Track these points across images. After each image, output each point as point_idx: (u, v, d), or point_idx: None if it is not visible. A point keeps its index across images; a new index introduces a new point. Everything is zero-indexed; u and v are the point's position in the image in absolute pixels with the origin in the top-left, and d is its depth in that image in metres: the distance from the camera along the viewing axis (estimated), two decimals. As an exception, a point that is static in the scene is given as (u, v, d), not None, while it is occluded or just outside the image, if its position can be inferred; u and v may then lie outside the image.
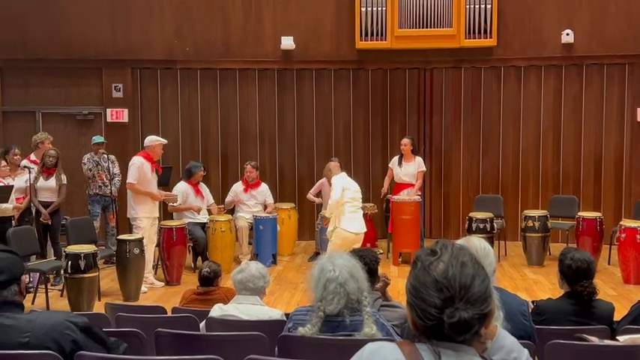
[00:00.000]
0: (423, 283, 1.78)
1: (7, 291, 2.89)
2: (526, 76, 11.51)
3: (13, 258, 2.99)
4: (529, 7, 11.20)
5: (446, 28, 10.95)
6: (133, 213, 8.77)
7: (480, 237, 4.00)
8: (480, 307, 1.76)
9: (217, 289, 5.57)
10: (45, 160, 9.07)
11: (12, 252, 3.04)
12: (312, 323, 3.51)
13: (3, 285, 2.89)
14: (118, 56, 11.39)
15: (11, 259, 2.97)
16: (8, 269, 2.91)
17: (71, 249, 7.81)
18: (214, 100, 11.77)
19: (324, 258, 3.70)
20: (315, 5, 11.42)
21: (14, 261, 2.98)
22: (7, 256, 2.97)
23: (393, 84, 11.76)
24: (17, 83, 11.51)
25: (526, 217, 9.94)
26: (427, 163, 11.08)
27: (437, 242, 1.90)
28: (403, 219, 9.81)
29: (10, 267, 2.92)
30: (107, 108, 11.51)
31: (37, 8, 11.27)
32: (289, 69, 11.65)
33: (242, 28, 11.47)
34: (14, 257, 3.00)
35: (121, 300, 8.07)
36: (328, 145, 11.77)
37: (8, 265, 2.92)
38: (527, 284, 8.80)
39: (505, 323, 2.69)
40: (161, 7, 11.41)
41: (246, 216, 10.20)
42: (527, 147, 11.57)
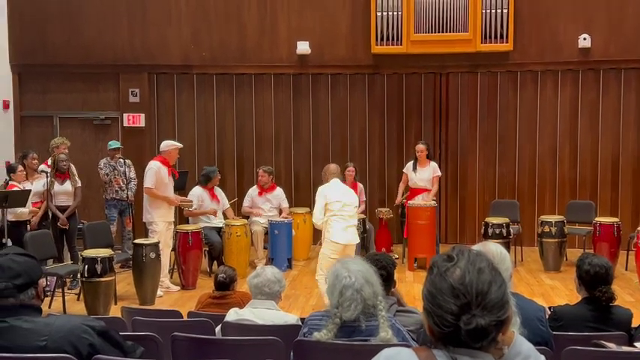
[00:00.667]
0: (440, 290, 1.77)
1: (24, 294, 2.90)
2: (542, 80, 11.45)
3: (31, 262, 3.00)
4: (546, 12, 11.15)
5: (462, 32, 10.92)
6: (148, 217, 8.81)
7: (496, 242, 3.99)
8: (497, 314, 1.75)
9: (233, 294, 5.57)
10: (59, 165, 9.13)
11: (30, 256, 3.05)
12: (328, 329, 3.50)
13: (20, 288, 2.90)
14: (135, 61, 11.46)
15: (29, 262, 2.98)
16: (26, 273, 2.92)
17: (88, 253, 7.85)
18: (230, 105, 11.81)
19: (338, 264, 3.70)
20: (331, 10, 11.43)
21: (32, 265, 2.98)
22: (24, 259, 2.98)
23: (408, 89, 11.74)
24: (35, 88, 11.61)
25: (542, 222, 9.88)
26: (443, 168, 11.06)
27: (453, 248, 1.89)
28: (419, 224, 9.77)
29: (27, 271, 2.93)
30: (124, 113, 11.58)
31: (56, 14, 11.37)
32: (305, 74, 11.67)
33: (258, 33, 11.50)
34: (32, 261, 3.01)
35: (137, 304, 8.10)
36: (343, 150, 11.76)
37: (26, 269, 2.93)
38: (543, 290, 8.75)
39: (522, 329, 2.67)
40: (178, 13, 11.47)
41: (262, 220, 10.21)
42: (543, 152, 11.51)
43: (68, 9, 11.37)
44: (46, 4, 11.36)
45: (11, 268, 2.91)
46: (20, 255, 3.00)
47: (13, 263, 2.93)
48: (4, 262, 2.95)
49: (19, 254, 3.01)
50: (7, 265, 2.93)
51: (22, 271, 2.92)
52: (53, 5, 11.37)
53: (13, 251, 3.04)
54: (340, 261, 3.70)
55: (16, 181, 8.86)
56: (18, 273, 2.90)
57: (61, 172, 9.14)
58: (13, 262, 2.93)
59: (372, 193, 11.59)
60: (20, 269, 2.92)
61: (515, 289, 3.84)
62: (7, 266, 2.92)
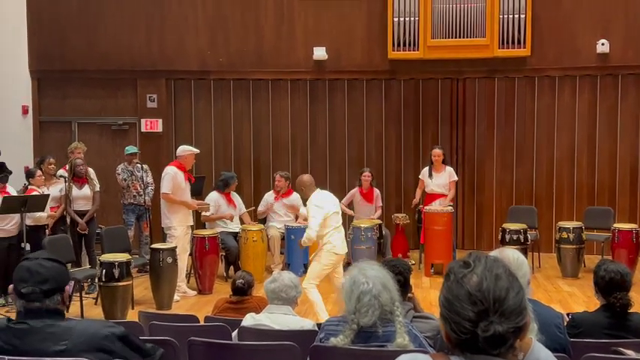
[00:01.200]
0: (457, 296, 1.77)
1: (49, 300, 2.92)
2: (560, 86, 11.40)
3: (59, 268, 3.02)
4: (563, 17, 11.10)
5: (479, 38, 10.90)
6: (167, 222, 8.84)
7: (514, 248, 3.97)
8: (514, 321, 1.74)
9: (250, 299, 5.59)
10: (76, 170, 9.20)
11: (59, 262, 3.06)
12: (345, 334, 3.50)
13: (46, 294, 2.92)
14: (153, 67, 11.53)
15: (57, 269, 3.00)
16: (53, 279, 2.94)
17: (106, 257, 7.90)
18: (247, 110, 11.85)
19: (354, 270, 3.69)
20: (348, 15, 11.45)
21: (60, 271, 3.00)
22: (53, 265, 2.99)
23: (425, 94, 11.72)
24: (54, 94, 11.70)
25: (560, 228, 9.82)
26: (460, 174, 11.03)
27: (470, 254, 1.88)
28: (435, 230, 9.75)
29: (55, 277, 2.95)
30: (141, 118, 11.65)
31: (75, 20, 11.47)
32: (321, 79, 11.69)
33: (275, 38, 11.54)
34: (60, 267, 3.03)
35: (154, 308, 8.13)
36: (360, 156, 11.77)
37: (54, 275, 2.95)
38: (561, 296, 8.70)
39: (539, 335, 2.66)
40: (195, 19, 11.53)
41: (278, 225, 10.23)
42: (561, 157, 11.45)
43: (87, 16, 11.46)
44: (65, 11, 11.46)
45: (40, 272, 2.93)
46: (49, 260, 3.01)
47: (42, 268, 2.94)
48: (33, 266, 2.97)
49: (49, 259, 3.02)
50: (36, 269, 2.94)
51: (50, 276, 2.93)
52: (72, 12, 11.47)
53: (43, 256, 3.05)
54: (357, 267, 3.70)
55: (35, 185, 8.94)
56: (46, 278, 2.92)
57: (79, 176, 9.21)
58: (41, 267, 2.95)
59: (389, 199, 11.58)
60: (48, 275, 2.93)
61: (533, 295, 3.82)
62: (36, 271, 2.94)
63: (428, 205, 10.07)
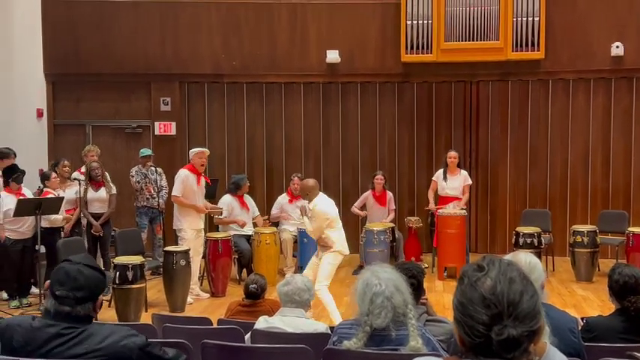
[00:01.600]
0: (470, 300, 1.76)
1: (81, 307, 2.92)
2: (574, 89, 11.35)
3: (97, 277, 3.00)
4: (578, 20, 11.05)
5: (493, 41, 10.88)
6: (178, 224, 8.88)
7: (528, 252, 3.95)
8: (529, 324, 1.74)
9: (263, 302, 5.59)
10: (92, 173, 9.25)
11: (99, 270, 3.05)
12: (358, 337, 3.50)
13: (79, 301, 2.92)
14: (167, 70, 11.58)
15: (95, 278, 2.99)
16: (88, 287, 2.94)
17: (119, 260, 7.93)
18: (260, 113, 11.87)
19: (367, 272, 3.69)
20: (361, 19, 11.45)
21: (97, 281, 2.99)
22: (92, 274, 2.99)
23: (438, 97, 11.70)
24: (69, 97, 11.76)
25: (574, 232, 9.77)
26: (473, 177, 11.00)
27: (484, 258, 1.88)
28: (448, 233, 9.73)
29: (90, 286, 2.95)
30: (155, 121, 11.69)
31: (89, 24, 11.53)
32: (334, 82, 11.70)
33: (288, 41, 11.56)
34: (98, 277, 3.02)
35: (167, 311, 8.15)
36: (373, 159, 11.76)
37: (89, 284, 2.94)
38: (575, 300, 8.65)
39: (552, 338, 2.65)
40: (209, 22, 11.56)
41: (291, 228, 10.24)
42: (575, 161, 11.40)
43: (102, 19, 11.52)
44: (80, 15, 11.52)
45: (77, 279, 2.93)
46: (90, 268, 3.01)
47: (80, 275, 2.94)
48: (72, 271, 2.97)
49: (89, 266, 3.01)
50: (74, 275, 2.95)
51: (86, 285, 2.93)
52: (87, 15, 11.53)
53: (84, 262, 3.04)
54: (370, 269, 3.69)
55: (50, 188, 8.99)
56: (81, 286, 2.92)
57: (95, 179, 9.26)
58: (80, 274, 2.95)
59: (402, 202, 11.57)
60: (84, 283, 2.93)
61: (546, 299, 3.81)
62: (74, 277, 2.94)
63: (441, 208, 10.05)
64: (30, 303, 8.53)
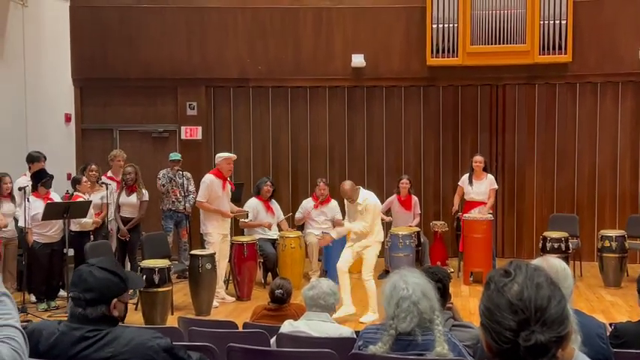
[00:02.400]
0: (497, 305, 1.75)
1: (92, 309, 2.91)
2: (602, 92, 11.24)
3: (109, 280, 2.96)
4: (605, 23, 10.94)
5: (519, 44, 10.80)
6: (204, 228, 8.93)
7: (555, 257, 3.92)
8: (557, 330, 1.72)
9: (288, 306, 5.59)
10: (124, 178, 9.35)
11: (114, 273, 3.00)
12: (384, 341, 3.48)
13: (89, 303, 2.92)
14: (193, 75, 11.65)
15: (106, 280, 2.95)
16: (98, 290, 2.91)
17: (146, 263, 7.98)
18: (285, 118, 11.90)
19: (395, 276, 3.68)
20: (386, 23, 11.44)
21: (109, 283, 2.95)
22: (104, 276, 2.96)
23: (464, 101, 11.65)
24: (96, 102, 11.88)
25: (603, 237, 9.67)
26: (499, 181, 10.93)
27: (510, 263, 1.86)
28: (475, 237, 9.67)
29: (100, 288, 2.92)
30: (182, 125, 11.77)
31: (117, 29, 11.64)
32: (359, 86, 11.70)
33: (313, 46, 11.58)
34: (111, 279, 2.97)
35: (193, 314, 8.19)
36: (398, 163, 11.73)
37: (100, 287, 2.92)
38: (603, 306, 8.55)
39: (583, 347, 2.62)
40: (235, 27, 11.62)
41: (316, 232, 10.24)
42: (603, 164, 11.28)
43: (129, 25, 11.63)
44: (107, 21, 11.64)
45: (87, 281, 2.92)
46: (103, 270, 2.98)
47: (91, 277, 2.93)
48: (84, 272, 2.97)
49: (102, 268, 2.98)
50: (85, 276, 2.94)
51: (95, 287, 2.91)
52: (114, 21, 11.65)
53: (100, 264, 3.01)
54: (398, 273, 3.68)
55: (81, 192, 9.08)
56: (90, 288, 2.91)
57: (127, 184, 9.35)
58: (90, 276, 2.93)
59: (427, 206, 11.52)
60: (94, 285, 2.92)
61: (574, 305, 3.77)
62: (85, 278, 2.93)
63: (467, 212, 10.00)
64: (58, 306, 8.61)
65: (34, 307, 8.62)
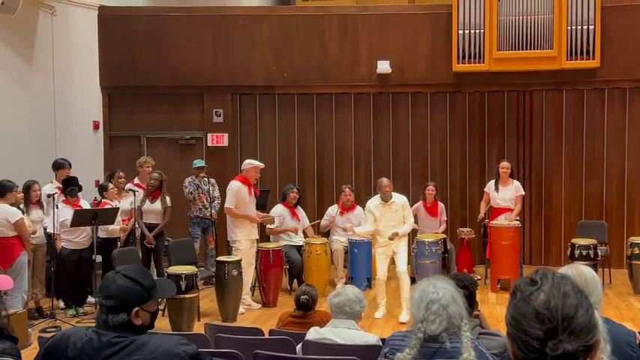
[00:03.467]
0: (524, 314, 1.74)
1: (113, 316, 2.91)
2: (631, 98, 11.12)
3: (130, 288, 2.93)
4: (633, 27, 10.83)
5: (546, 49, 10.73)
6: (232, 236, 8.94)
7: (583, 264, 3.88)
8: (584, 339, 1.71)
9: (313, 313, 5.60)
10: (148, 183, 9.44)
11: (136, 281, 2.96)
12: (411, 346, 3.47)
13: (110, 310, 2.93)
14: (219, 83, 11.73)
15: (126, 288, 2.93)
16: (118, 298, 2.90)
17: (172, 270, 8.04)
18: (310, 124, 11.93)
19: (425, 281, 3.67)
20: (411, 29, 11.43)
21: (129, 292, 2.93)
22: (125, 284, 2.93)
23: (490, 107, 11.59)
24: (124, 109, 12.00)
25: (632, 244, 9.55)
26: (527, 187, 10.85)
27: (537, 271, 1.85)
28: (502, 245, 9.60)
29: (120, 296, 2.90)
30: (208, 133, 11.84)
31: (145, 38, 11.76)
32: (385, 93, 11.69)
33: (338, 53, 11.60)
34: (131, 288, 2.94)
35: (219, 320, 8.22)
36: (424, 169, 11.70)
37: (120, 294, 2.90)
38: (633, 314, 8.45)
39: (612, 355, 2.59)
40: (261, 35, 11.68)
41: (342, 239, 10.24)
42: (632, 171, 11.15)
43: (156, 34, 11.74)
44: (135, 29, 11.77)
45: (109, 287, 2.92)
46: (125, 278, 2.95)
47: (113, 284, 2.92)
48: (108, 278, 2.96)
49: (125, 276, 2.96)
50: (107, 283, 2.94)
51: (115, 295, 2.90)
52: (142, 30, 11.77)
53: (124, 271, 2.99)
54: (427, 279, 3.68)
55: (108, 199, 9.18)
56: (110, 295, 2.90)
57: (151, 190, 9.43)
58: (113, 283, 2.93)
59: (454, 213, 11.47)
60: (115, 292, 2.91)
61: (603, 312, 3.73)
62: (107, 285, 2.93)
63: (493, 219, 9.93)
64: (86, 312, 8.70)
65: (63, 312, 8.72)
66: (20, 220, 7.95)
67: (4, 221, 7.85)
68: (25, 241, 8.04)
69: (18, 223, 7.93)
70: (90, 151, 11.49)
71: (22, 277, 7.98)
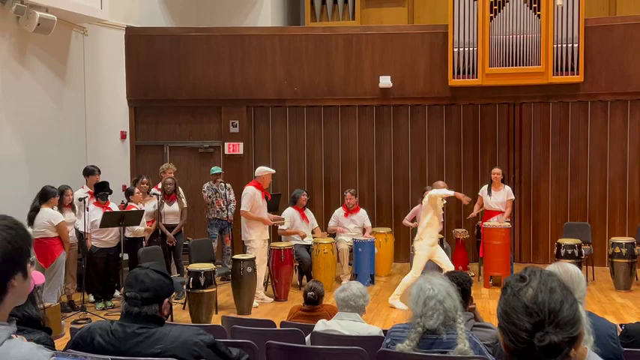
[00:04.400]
0: (514, 308, 1.74)
1: (147, 307, 2.96)
2: (612, 110, 11.09)
3: (163, 281, 3.05)
4: (614, 46, 10.80)
5: (534, 65, 10.71)
6: (247, 236, 8.95)
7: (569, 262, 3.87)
8: (569, 331, 1.71)
9: (321, 307, 5.59)
10: (164, 187, 9.48)
11: (165, 275, 3.09)
12: (411, 338, 3.47)
13: (145, 301, 2.97)
14: (235, 96, 11.75)
15: (160, 281, 3.03)
16: (154, 289, 2.98)
17: (193, 267, 8.05)
18: (318, 134, 11.93)
19: (421, 279, 3.67)
20: (411, 47, 11.43)
21: (162, 284, 3.03)
22: (158, 277, 3.04)
23: (483, 118, 11.58)
24: (149, 120, 12.03)
25: (613, 243, 9.52)
26: (517, 192, 10.83)
27: (525, 269, 1.86)
28: (494, 244, 9.58)
29: (156, 288, 2.99)
30: (225, 142, 11.86)
31: (167, 56, 11.79)
32: (386, 105, 11.69)
33: (344, 69, 11.61)
34: (164, 280, 3.06)
35: (235, 313, 8.23)
36: (422, 175, 11.68)
37: (155, 287, 2.99)
38: (614, 308, 8.40)
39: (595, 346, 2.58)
40: (273, 54, 11.70)
41: (347, 239, 10.24)
42: (613, 177, 11.11)
43: (178, 52, 11.77)
44: (159, 48, 11.80)
45: (144, 281, 2.99)
46: (156, 272, 3.05)
47: (147, 278, 3.00)
48: (140, 274, 3.03)
49: (156, 271, 3.06)
50: (142, 278, 3.00)
51: (152, 287, 2.98)
52: (165, 49, 11.80)
53: (153, 267, 3.09)
54: (423, 277, 3.68)
55: (134, 202, 9.21)
56: (147, 288, 2.97)
57: (168, 194, 9.46)
58: (147, 277, 3.00)
59: (449, 215, 11.44)
60: (150, 285, 2.98)
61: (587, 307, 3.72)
62: (141, 279, 3.00)
63: (486, 221, 9.91)
64: (114, 305, 8.71)
65: (93, 306, 8.74)
66: (62, 223, 8.01)
67: (47, 223, 7.91)
68: (64, 242, 8.11)
69: (60, 225, 7.99)
70: (118, 159, 11.52)
71: (60, 274, 8.07)
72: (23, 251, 1.88)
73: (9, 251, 1.83)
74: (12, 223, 1.91)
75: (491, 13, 10.81)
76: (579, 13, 10.57)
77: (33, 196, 8.20)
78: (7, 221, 1.91)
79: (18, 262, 1.86)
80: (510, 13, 10.76)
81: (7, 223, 1.90)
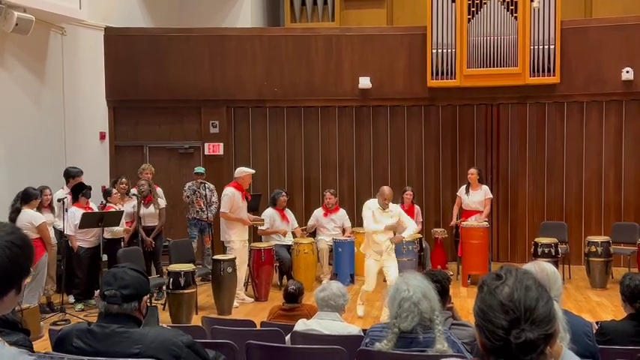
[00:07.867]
0: (490, 306, 1.75)
1: (127, 305, 2.98)
2: (588, 111, 11.20)
3: (141, 278, 3.09)
4: (590, 47, 10.92)
5: (512, 67, 10.80)
6: (226, 237, 8.93)
7: (546, 261, 3.90)
8: (544, 328, 1.72)
9: (301, 306, 5.60)
10: (139, 190, 9.43)
11: (142, 273, 3.13)
12: (388, 339, 3.48)
13: (125, 298, 2.98)
14: (215, 97, 11.70)
15: (138, 278, 3.07)
16: (134, 286, 3.00)
17: (172, 268, 8.01)
18: (299, 135, 11.92)
19: (399, 279, 3.68)
20: (390, 48, 11.46)
21: (141, 281, 3.07)
22: (136, 275, 3.07)
23: (462, 119, 11.64)
24: (128, 121, 11.94)
25: (589, 242, 9.63)
26: (494, 192, 10.89)
27: (502, 267, 1.87)
28: (472, 243, 9.64)
29: (135, 284, 3.02)
30: (205, 142, 11.81)
31: (147, 56, 11.71)
32: (366, 106, 11.71)
33: (324, 70, 11.61)
34: (142, 278, 3.10)
35: (215, 314, 8.20)
36: (401, 175, 11.72)
37: (135, 283, 3.02)
38: (590, 306, 8.49)
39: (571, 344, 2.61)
40: (253, 54, 11.67)
41: (327, 239, 10.24)
42: (589, 177, 11.23)
43: (157, 52, 11.70)
44: (138, 49, 11.72)
45: (123, 278, 3.01)
46: (133, 270, 3.10)
47: (126, 275, 3.03)
48: (119, 272, 3.06)
49: (133, 269, 3.11)
50: (121, 275, 3.03)
51: (131, 283, 3.00)
52: (144, 49, 11.72)
53: (129, 265, 3.14)
54: (401, 276, 3.69)
55: (112, 203, 9.14)
56: (127, 284, 2.99)
57: (143, 196, 9.40)
58: (126, 274, 3.03)
59: (428, 215, 11.49)
60: (130, 281, 3.01)
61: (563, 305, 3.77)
62: (120, 276, 3.02)
63: (464, 220, 9.97)
64: (95, 304, 8.62)
65: (72, 307, 8.66)
66: (43, 224, 7.95)
67: (29, 224, 7.83)
68: (46, 244, 8.04)
69: (41, 226, 7.93)
70: (97, 160, 11.42)
71: (42, 276, 8.03)
72: (23, 269, 1.85)
73: (8, 270, 1.80)
74: (19, 239, 1.86)
75: (469, 15, 10.88)
76: (555, 15, 10.67)
77: (11, 197, 8.12)
78: (13, 236, 1.85)
79: (15, 280, 1.84)
80: (488, 15, 10.84)
81: (14, 239, 1.85)
